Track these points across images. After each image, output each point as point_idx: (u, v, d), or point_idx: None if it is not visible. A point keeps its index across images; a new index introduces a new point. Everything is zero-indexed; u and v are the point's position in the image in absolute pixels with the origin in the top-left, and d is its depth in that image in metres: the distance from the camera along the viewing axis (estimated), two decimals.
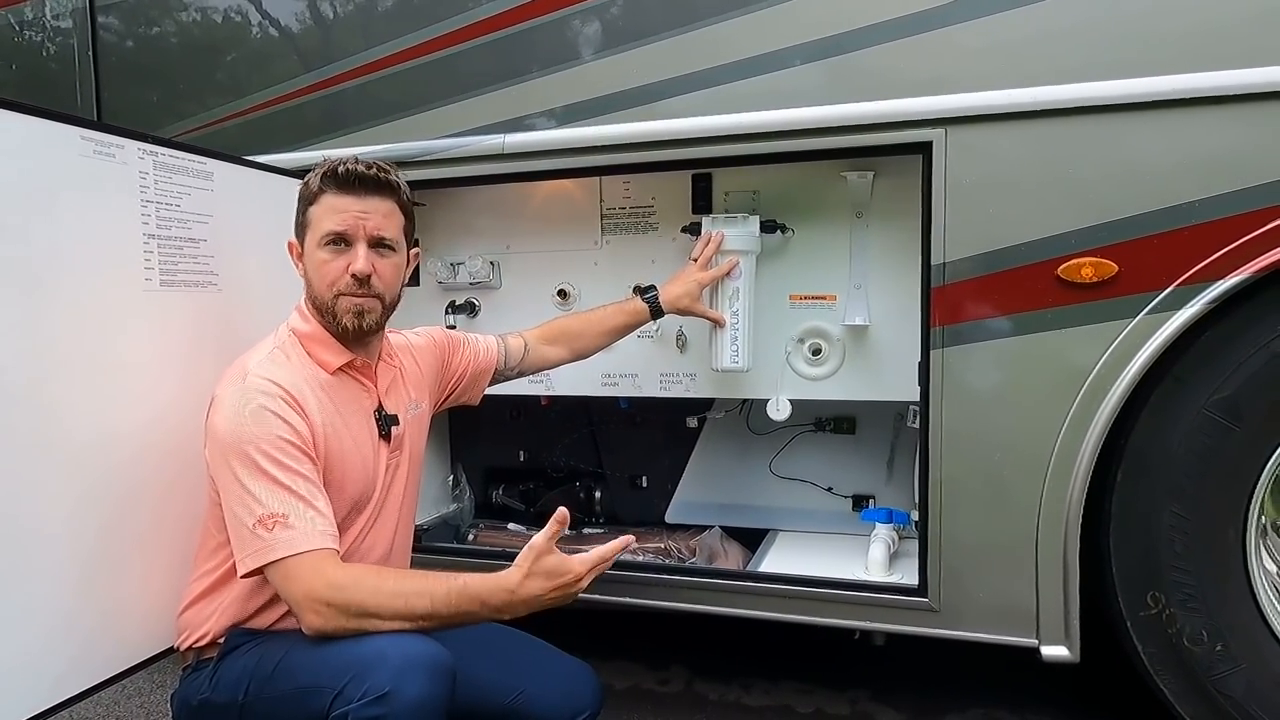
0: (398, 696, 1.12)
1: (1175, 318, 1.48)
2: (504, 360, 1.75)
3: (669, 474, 2.30)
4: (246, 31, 2.10)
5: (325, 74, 1.98)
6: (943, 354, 1.60)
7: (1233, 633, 1.54)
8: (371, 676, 1.13)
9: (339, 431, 1.35)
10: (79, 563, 1.27)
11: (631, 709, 2.01)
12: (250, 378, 1.28)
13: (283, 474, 1.23)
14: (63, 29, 2.21)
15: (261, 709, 1.25)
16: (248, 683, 1.27)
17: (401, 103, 1.92)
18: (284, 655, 1.25)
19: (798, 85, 1.66)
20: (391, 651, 1.16)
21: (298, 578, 1.20)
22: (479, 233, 2.14)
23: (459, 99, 1.88)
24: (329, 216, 1.32)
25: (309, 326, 1.38)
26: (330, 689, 1.16)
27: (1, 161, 1.15)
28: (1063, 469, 1.55)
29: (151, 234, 1.39)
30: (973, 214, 1.57)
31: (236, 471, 1.23)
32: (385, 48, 1.93)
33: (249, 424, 1.24)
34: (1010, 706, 1.98)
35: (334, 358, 1.37)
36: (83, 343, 1.27)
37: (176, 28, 2.17)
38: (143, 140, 1.37)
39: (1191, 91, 1.44)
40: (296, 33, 2.07)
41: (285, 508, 1.21)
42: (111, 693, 2.19)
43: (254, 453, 1.22)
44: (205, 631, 1.35)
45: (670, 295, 1.79)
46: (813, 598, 1.76)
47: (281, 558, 1.19)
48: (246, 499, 1.22)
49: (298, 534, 1.20)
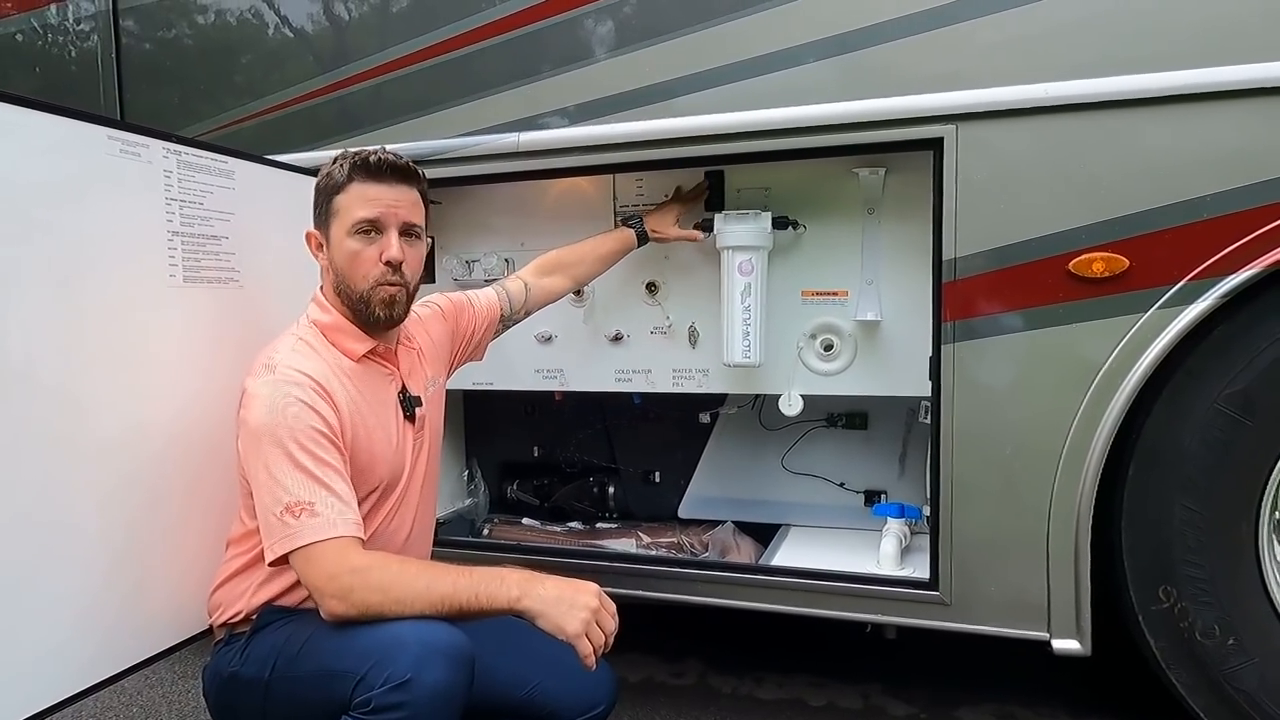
0: (418, 683, 1.14)
1: (1187, 312, 1.48)
2: (508, 306, 1.78)
3: (682, 469, 2.32)
4: (264, 33, 2.14)
5: (341, 75, 2.02)
6: (954, 349, 1.61)
7: (1245, 626, 1.54)
8: (393, 663, 1.15)
9: (365, 418, 1.38)
10: (108, 551, 1.30)
11: (645, 701, 2.03)
12: (279, 369, 1.30)
13: (311, 463, 1.25)
14: (86, 32, 2.26)
15: (285, 687, 1.27)
16: (275, 659, 1.30)
17: (417, 102, 1.95)
18: (309, 637, 1.27)
19: (809, 83, 1.67)
20: (412, 638, 1.18)
21: (320, 562, 1.22)
22: (494, 230, 2.16)
23: (474, 98, 1.90)
24: (361, 205, 1.35)
25: (330, 317, 1.40)
26: (353, 675, 1.18)
27: (34, 160, 1.18)
28: (1074, 463, 1.56)
29: (175, 231, 1.42)
30: (984, 209, 1.58)
31: (267, 461, 1.25)
32: (401, 48, 1.96)
33: (280, 416, 1.26)
34: (1022, 701, 1.99)
35: (357, 345, 1.40)
36: (110, 337, 1.30)
37: (197, 31, 2.21)
38: (167, 140, 1.40)
39: (1203, 87, 1.44)
40: (313, 34, 2.10)
41: (312, 496, 1.24)
42: (135, 682, 2.23)
43: (284, 443, 1.25)
44: (239, 609, 1.38)
45: (652, 223, 1.92)
46: (825, 591, 1.78)
47: (306, 544, 1.22)
48: (275, 488, 1.24)
49: (322, 521, 1.23)
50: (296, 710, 1.26)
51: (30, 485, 1.17)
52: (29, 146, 1.18)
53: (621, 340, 2.06)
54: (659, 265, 2.03)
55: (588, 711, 1.47)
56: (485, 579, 1.24)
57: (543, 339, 2.13)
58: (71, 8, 2.27)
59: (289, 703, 1.27)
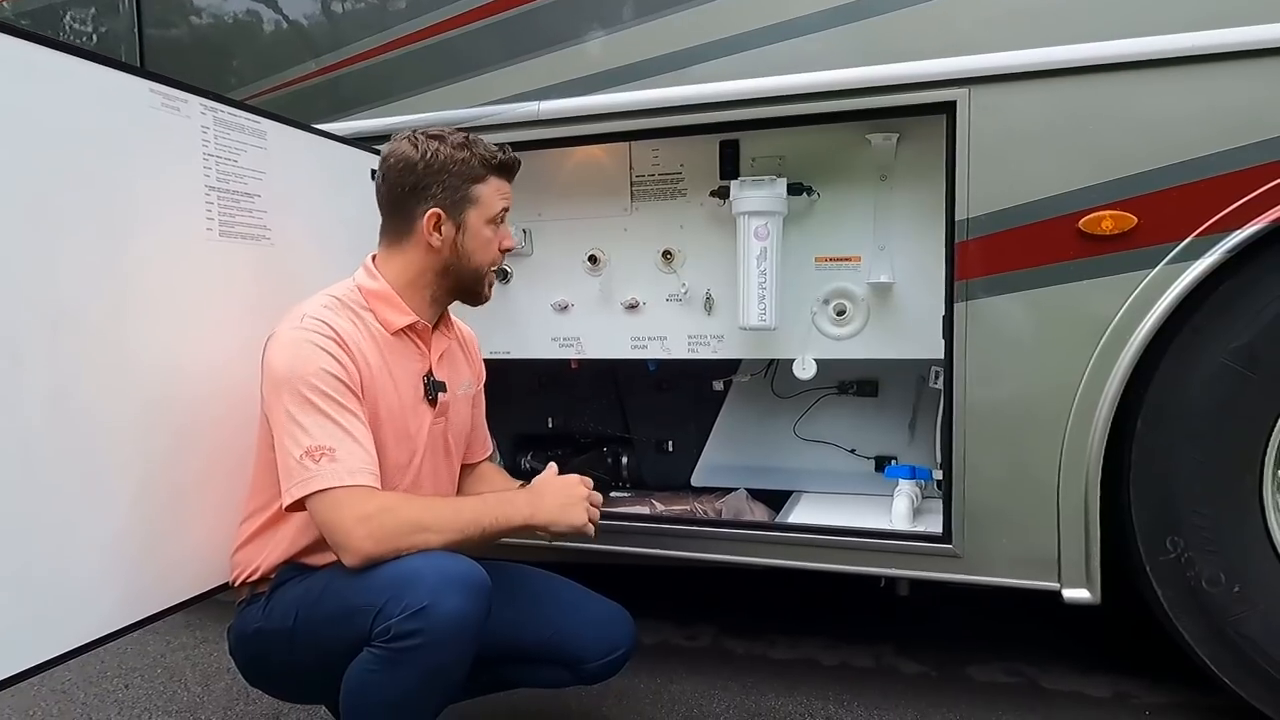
0: (435, 610, 1.17)
1: (1194, 268, 1.52)
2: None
3: (695, 438, 2.36)
4: (290, 6, 2.18)
5: (365, 46, 2.06)
6: (966, 307, 1.66)
7: (1249, 574, 1.58)
8: (410, 593, 1.18)
9: (387, 388, 1.39)
10: (142, 495, 1.32)
11: (661, 663, 2.07)
12: (306, 319, 1.33)
13: (332, 409, 1.28)
14: (110, 4, 2.30)
15: (309, 632, 1.30)
16: (297, 609, 1.33)
17: (440, 73, 1.99)
18: (328, 582, 1.31)
19: (826, 49, 1.71)
20: (428, 570, 1.21)
21: (344, 506, 1.23)
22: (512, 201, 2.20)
23: (496, 68, 1.94)
24: (499, 198, 1.47)
25: (378, 284, 1.42)
26: (371, 608, 1.20)
27: (81, 110, 1.21)
28: (1084, 416, 1.60)
29: (212, 186, 1.45)
30: (996, 171, 1.62)
31: (288, 405, 1.27)
32: (425, 19, 2.00)
33: (302, 360, 1.28)
34: (1030, 659, 2.03)
35: (398, 317, 1.43)
36: (151, 284, 1.33)
37: (219, 5, 2.25)
38: (204, 96, 1.43)
39: (1208, 48, 1.49)
40: (338, 7, 2.14)
41: (333, 441, 1.25)
42: (158, 645, 2.27)
43: (305, 388, 1.27)
44: (258, 566, 1.41)
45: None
46: (840, 546, 1.81)
47: (326, 488, 1.23)
48: (295, 431, 1.26)
49: (342, 467, 1.24)
50: (322, 653, 1.29)
51: (76, 424, 1.21)
52: (79, 96, 1.21)
53: (637, 308, 2.10)
54: (675, 234, 2.07)
55: (610, 653, 1.51)
56: (498, 504, 1.37)
57: (559, 307, 2.17)
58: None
59: (314, 647, 1.30)
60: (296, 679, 1.42)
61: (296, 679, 1.42)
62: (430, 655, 1.19)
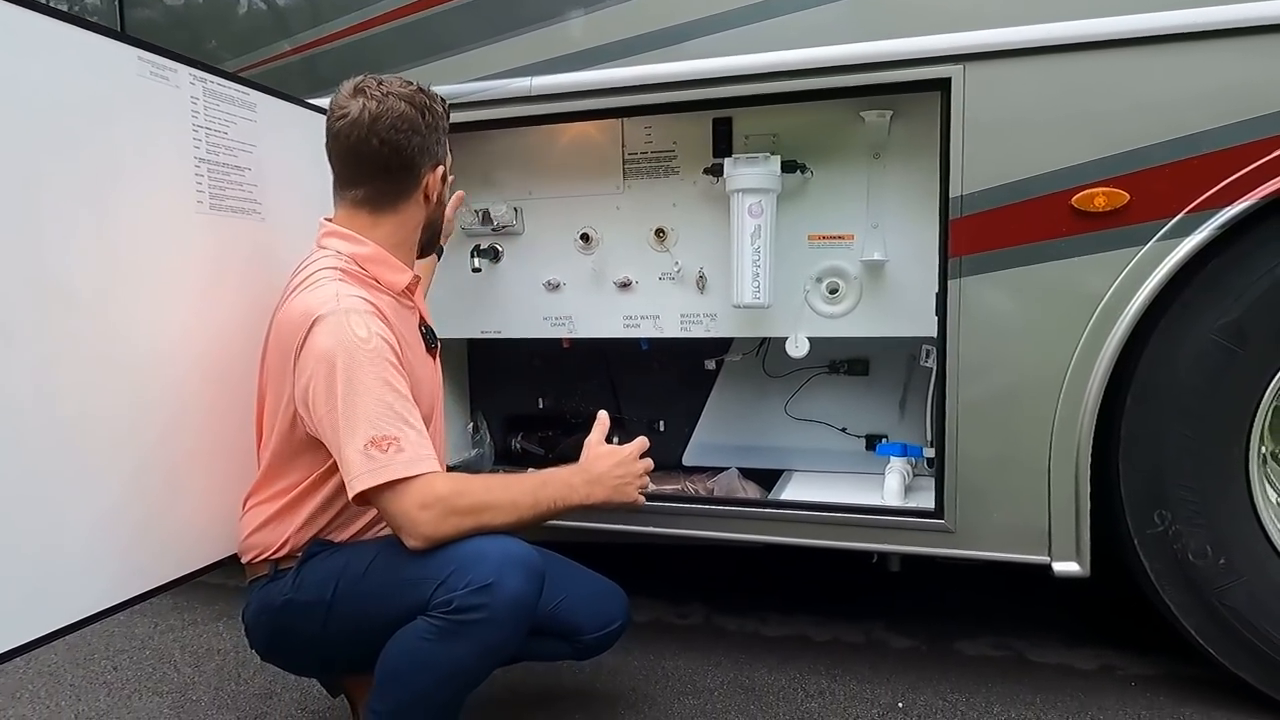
0: (499, 588, 1.20)
1: (1184, 244, 1.54)
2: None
3: (686, 417, 2.36)
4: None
5: (356, 19, 2.03)
6: (960, 283, 1.66)
7: (1235, 547, 1.61)
8: (475, 569, 1.20)
9: (410, 351, 1.41)
10: (135, 471, 1.31)
11: (654, 640, 2.08)
12: (343, 299, 1.29)
13: (392, 396, 1.25)
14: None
15: (350, 605, 1.30)
16: (336, 581, 1.32)
17: (432, 47, 1.96)
18: (375, 556, 1.31)
19: (820, 25, 1.71)
20: (493, 549, 1.24)
21: (413, 492, 1.23)
22: (502, 179, 2.18)
23: (488, 42, 1.92)
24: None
25: (369, 249, 1.39)
26: (434, 579, 1.22)
27: (68, 74, 1.19)
28: (1075, 391, 1.61)
29: (202, 158, 1.43)
30: (990, 148, 1.62)
31: (341, 390, 1.23)
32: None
33: (358, 345, 1.25)
34: (1019, 633, 2.06)
35: (400, 277, 1.42)
36: (140, 256, 1.31)
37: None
38: (193, 66, 1.41)
39: (1200, 25, 1.49)
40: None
41: (397, 430, 1.24)
42: (145, 628, 2.25)
43: (362, 373, 1.24)
44: (284, 543, 1.38)
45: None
46: (833, 522, 1.82)
47: (398, 479, 1.22)
48: (353, 419, 1.22)
49: (409, 456, 1.23)
50: (360, 625, 1.29)
51: (70, 398, 1.19)
52: (64, 61, 1.19)
53: (630, 287, 2.09)
54: (667, 212, 2.06)
55: (606, 627, 1.54)
56: (555, 485, 1.37)
57: (551, 286, 2.15)
58: None
59: (353, 618, 1.30)
60: (320, 650, 1.39)
61: (320, 650, 1.39)
62: (488, 631, 1.21)
